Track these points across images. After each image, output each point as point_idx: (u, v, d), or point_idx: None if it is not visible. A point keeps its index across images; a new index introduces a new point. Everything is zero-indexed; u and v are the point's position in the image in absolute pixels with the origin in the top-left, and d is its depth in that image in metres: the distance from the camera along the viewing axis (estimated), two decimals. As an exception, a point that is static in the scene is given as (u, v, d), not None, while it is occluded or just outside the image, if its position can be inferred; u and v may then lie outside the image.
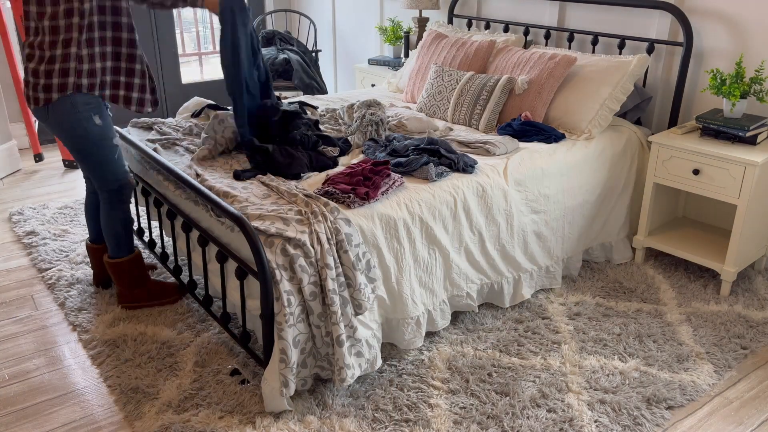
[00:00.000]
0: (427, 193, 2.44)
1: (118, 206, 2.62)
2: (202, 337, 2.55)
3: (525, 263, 2.78)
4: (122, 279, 2.71)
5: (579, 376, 2.35)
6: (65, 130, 2.42)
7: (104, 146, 2.49)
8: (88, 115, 2.42)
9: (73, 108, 2.38)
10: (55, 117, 2.39)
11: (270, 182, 2.46)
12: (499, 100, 3.20)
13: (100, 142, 2.48)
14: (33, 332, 2.63)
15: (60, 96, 2.35)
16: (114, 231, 2.64)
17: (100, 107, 2.46)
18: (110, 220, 2.63)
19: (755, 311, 2.76)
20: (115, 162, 2.55)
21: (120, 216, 2.63)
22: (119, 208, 2.62)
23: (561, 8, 3.66)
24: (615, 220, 3.15)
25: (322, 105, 3.66)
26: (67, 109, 2.38)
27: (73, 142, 2.45)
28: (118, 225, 2.64)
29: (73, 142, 2.45)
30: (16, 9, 4.16)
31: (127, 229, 2.67)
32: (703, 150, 2.80)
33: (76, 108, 2.39)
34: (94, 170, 2.53)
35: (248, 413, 2.15)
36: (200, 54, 6.00)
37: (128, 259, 2.68)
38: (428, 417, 2.14)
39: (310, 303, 2.07)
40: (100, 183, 2.56)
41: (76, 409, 2.20)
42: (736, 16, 2.99)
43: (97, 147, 2.48)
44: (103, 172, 2.53)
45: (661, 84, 3.34)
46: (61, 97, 2.35)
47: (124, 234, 2.66)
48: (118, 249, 2.67)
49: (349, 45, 5.41)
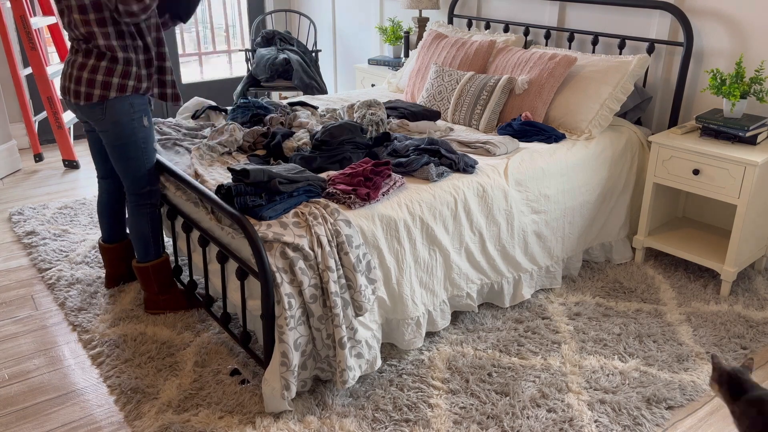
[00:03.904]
0: (427, 194, 2.44)
1: (146, 210, 2.60)
2: (202, 337, 2.55)
3: (525, 263, 2.78)
4: (149, 284, 2.69)
5: (579, 376, 2.35)
6: (117, 128, 2.45)
7: (145, 149, 2.53)
8: (139, 116, 2.47)
9: (131, 108, 2.44)
10: (111, 115, 2.42)
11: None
12: (499, 100, 3.20)
13: (143, 145, 2.51)
14: (33, 332, 2.63)
15: (118, 95, 2.39)
16: (142, 235, 2.62)
17: (147, 109, 2.52)
18: (138, 224, 2.61)
19: (755, 311, 2.76)
20: (150, 166, 2.56)
21: (148, 220, 2.62)
22: (148, 211, 2.61)
23: (561, 8, 3.66)
24: (615, 220, 3.15)
25: (322, 105, 3.66)
26: (126, 108, 2.43)
27: (119, 141, 2.47)
28: (146, 229, 2.62)
29: (119, 142, 2.47)
30: (16, 9, 4.16)
31: (155, 233, 2.65)
32: (703, 150, 2.80)
33: (133, 108, 2.45)
34: (129, 171, 2.54)
35: (248, 413, 2.15)
36: (200, 54, 6.00)
37: (156, 263, 2.66)
38: (428, 417, 2.14)
39: (310, 305, 2.07)
40: (132, 185, 2.56)
41: (76, 409, 2.20)
42: (736, 16, 2.99)
43: (140, 150, 2.51)
44: (137, 175, 2.54)
45: (661, 84, 3.34)
46: (119, 96, 2.40)
47: (152, 238, 2.64)
48: (146, 253, 2.65)
49: (349, 45, 5.41)
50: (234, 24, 6.06)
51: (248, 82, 4.83)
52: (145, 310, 2.72)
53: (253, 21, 5.87)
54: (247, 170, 2.20)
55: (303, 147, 2.73)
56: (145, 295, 2.71)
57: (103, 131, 2.48)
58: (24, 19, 4.18)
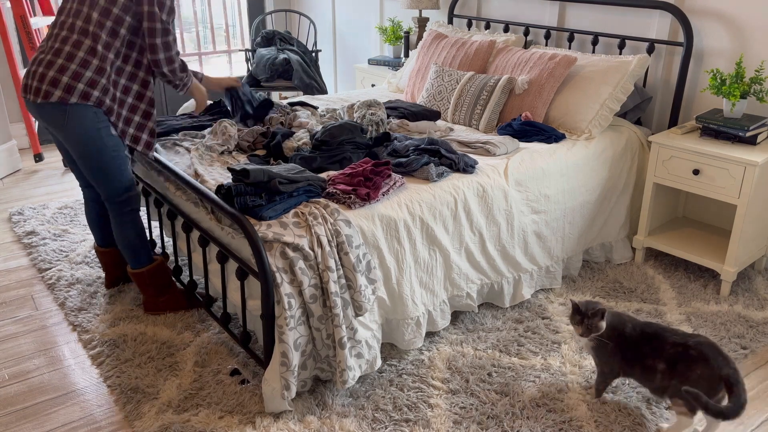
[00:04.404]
0: (427, 194, 2.44)
1: (128, 216, 2.56)
2: (202, 337, 2.55)
3: (525, 263, 2.78)
4: (147, 288, 2.67)
5: (579, 376, 2.35)
6: (81, 137, 2.35)
7: (116, 157, 2.45)
8: (106, 125, 2.39)
9: (95, 117, 2.35)
10: (73, 122, 2.33)
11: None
12: (499, 100, 3.20)
13: (112, 153, 2.43)
14: (33, 332, 2.63)
15: (81, 102, 2.31)
16: (128, 242, 2.59)
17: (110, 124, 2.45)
18: (122, 232, 2.58)
19: (755, 311, 2.76)
20: (124, 172, 2.50)
21: (131, 226, 2.58)
22: (129, 218, 2.57)
23: (561, 8, 3.66)
24: (615, 220, 3.15)
25: (322, 105, 3.66)
26: (90, 116, 2.34)
27: (86, 151, 2.39)
28: (131, 235, 2.58)
29: (86, 151, 2.39)
30: (16, 9, 4.16)
31: (141, 238, 2.61)
32: (703, 150, 2.80)
33: (98, 117, 2.36)
34: (102, 181, 2.47)
35: (248, 413, 2.15)
36: (200, 54, 5.99)
37: (149, 269, 2.64)
38: (428, 417, 2.14)
39: (310, 306, 2.07)
40: (108, 193, 2.50)
41: (76, 409, 2.20)
42: (736, 16, 2.99)
43: (109, 158, 2.43)
44: (111, 183, 2.48)
45: (661, 84, 3.34)
46: (82, 103, 2.31)
47: (139, 243, 2.61)
48: (137, 260, 2.62)
49: (349, 45, 5.41)
50: (234, 24, 6.06)
51: (248, 83, 4.84)
52: (145, 311, 2.71)
53: (253, 21, 5.88)
54: (247, 170, 2.20)
55: (303, 147, 2.73)
56: (143, 298, 2.71)
57: (67, 140, 2.38)
58: (24, 19, 4.18)
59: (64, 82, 2.28)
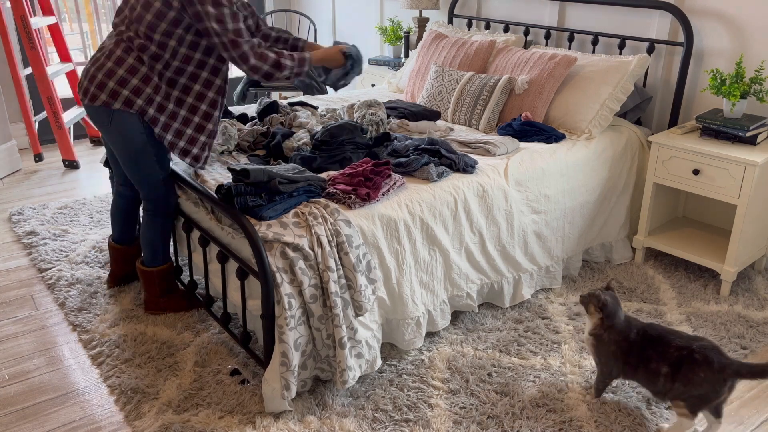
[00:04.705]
0: (427, 194, 2.44)
1: (160, 216, 2.58)
2: (202, 337, 2.55)
3: (525, 263, 2.78)
4: (152, 288, 2.68)
5: (579, 376, 2.35)
6: (124, 142, 2.40)
7: (157, 162, 2.48)
8: (150, 133, 2.42)
9: (139, 124, 2.39)
10: (116, 126, 2.37)
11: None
12: (499, 100, 3.20)
13: (154, 159, 2.47)
14: (33, 332, 2.63)
15: (124, 110, 2.34)
16: (152, 240, 2.61)
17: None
18: (150, 229, 2.60)
19: (755, 311, 2.76)
20: (165, 179, 2.53)
21: (160, 229, 2.60)
22: (161, 218, 2.59)
23: (561, 8, 3.66)
24: (615, 220, 3.15)
25: (322, 105, 3.66)
26: (134, 123, 2.37)
27: (128, 155, 2.44)
28: (157, 235, 2.60)
29: (128, 156, 2.44)
30: (16, 9, 4.16)
31: (164, 240, 2.64)
32: (703, 150, 2.80)
33: (142, 125, 2.39)
34: (143, 182, 2.50)
35: (248, 413, 2.15)
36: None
37: (162, 269, 2.66)
38: (428, 417, 2.14)
39: (310, 306, 2.07)
40: (147, 192, 2.53)
41: (76, 409, 2.20)
42: (736, 16, 2.99)
43: (150, 164, 2.47)
44: (149, 186, 2.51)
45: (661, 84, 3.34)
46: (126, 111, 2.34)
47: (161, 244, 2.63)
48: (153, 258, 2.64)
49: (349, 45, 5.41)
50: (234, 24, 6.05)
51: (248, 83, 4.83)
52: (145, 310, 2.72)
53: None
54: (247, 170, 2.20)
55: (303, 147, 2.73)
56: (146, 296, 2.71)
57: (112, 142, 2.44)
58: (24, 19, 4.18)
59: (110, 87, 2.32)
